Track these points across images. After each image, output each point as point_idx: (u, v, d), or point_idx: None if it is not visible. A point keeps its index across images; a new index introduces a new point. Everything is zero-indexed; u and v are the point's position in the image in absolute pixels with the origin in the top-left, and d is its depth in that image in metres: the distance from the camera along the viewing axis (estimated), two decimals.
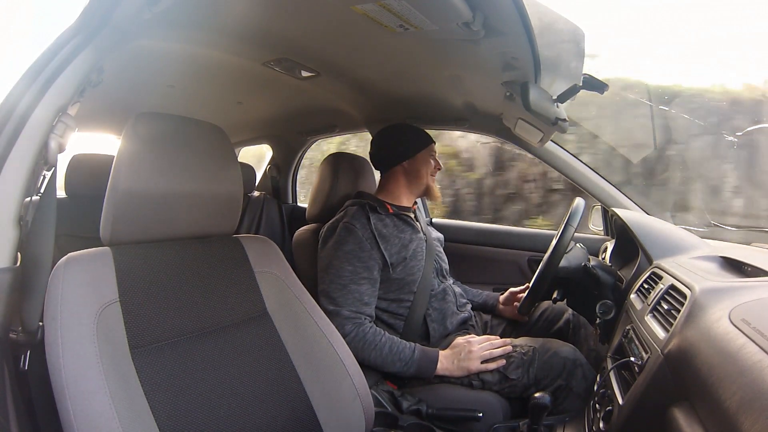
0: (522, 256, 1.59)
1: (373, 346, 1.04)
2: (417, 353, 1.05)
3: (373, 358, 1.03)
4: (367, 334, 1.05)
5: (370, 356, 1.03)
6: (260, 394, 0.71)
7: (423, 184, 1.27)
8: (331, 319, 1.05)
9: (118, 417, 0.53)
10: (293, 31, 0.97)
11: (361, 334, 1.04)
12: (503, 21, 0.72)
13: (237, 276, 0.78)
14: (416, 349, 1.05)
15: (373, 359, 1.04)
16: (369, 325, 1.07)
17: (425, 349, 1.07)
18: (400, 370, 1.04)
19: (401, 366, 1.04)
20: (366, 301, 1.09)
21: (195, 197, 0.72)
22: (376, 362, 1.04)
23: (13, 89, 0.62)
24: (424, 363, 1.04)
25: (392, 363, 1.04)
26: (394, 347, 1.05)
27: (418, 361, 1.04)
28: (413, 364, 1.04)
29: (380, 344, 1.04)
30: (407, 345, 1.06)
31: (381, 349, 1.04)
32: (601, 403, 0.78)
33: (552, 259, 1.00)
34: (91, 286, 0.61)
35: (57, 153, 0.62)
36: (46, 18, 3.77)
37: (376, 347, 1.04)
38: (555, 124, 0.97)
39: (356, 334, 1.04)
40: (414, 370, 1.04)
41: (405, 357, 1.04)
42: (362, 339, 1.04)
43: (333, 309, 1.06)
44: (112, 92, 1.36)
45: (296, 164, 2.39)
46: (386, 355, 1.03)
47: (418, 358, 1.04)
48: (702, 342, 0.53)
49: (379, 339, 1.05)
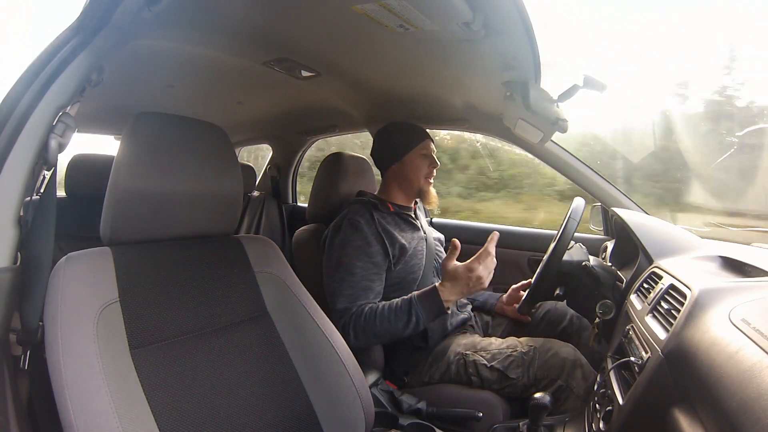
0: (522, 256, 1.59)
1: (375, 315, 1.03)
2: (414, 297, 1.04)
3: (381, 326, 1.03)
4: (365, 310, 1.05)
5: (378, 327, 1.03)
6: (260, 393, 0.71)
7: (413, 187, 1.25)
8: (343, 315, 1.06)
9: (118, 417, 0.53)
10: (293, 31, 0.97)
11: (360, 312, 1.04)
12: (503, 21, 0.72)
13: (237, 276, 0.78)
14: (412, 295, 1.05)
15: (382, 328, 1.03)
16: (364, 304, 1.07)
17: (421, 292, 1.05)
18: (410, 324, 1.02)
19: (408, 317, 1.02)
20: (375, 299, 1.10)
21: (195, 197, 0.72)
22: (387, 329, 1.03)
23: (13, 89, 0.62)
24: (425, 300, 1.03)
25: (399, 319, 1.02)
26: (392, 305, 1.04)
27: (418, 302, 1.03)
28: (417, 307, 1.02)
29: (380, 310, 1.04)
30: (404, 297, 1.06)
31: (383, 314, 1.03)
32: (601, 403, 0.78)
33: (553, 257, 1.00)
34: (91, 285, 0.61)
35: (57, 153, 0.61)
36: (46, 18, 3.77)
37: (378, 314, 1.03)
38: (555, 124, 0.97)
39: (358, 314, 1.04)
40: (423, 314, 1.02)
41: (405, 307, 1.03)
42: (363, 315, 1.04)
43: (346, 306, 1.07)
44: (112, 92, 1.36)
45: (296, 164, 2.39)
46: (389, 314, 1.03)
47: (417, 299, 1.03)
48: (702, 342, 0.53)
49: (377, 307, 1.05)
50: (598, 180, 1.41)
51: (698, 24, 2.75)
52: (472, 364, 1.05)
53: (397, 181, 1.26)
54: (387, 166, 1.27)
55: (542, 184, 2.67)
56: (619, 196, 1.39)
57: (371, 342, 1.04)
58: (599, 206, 1.48)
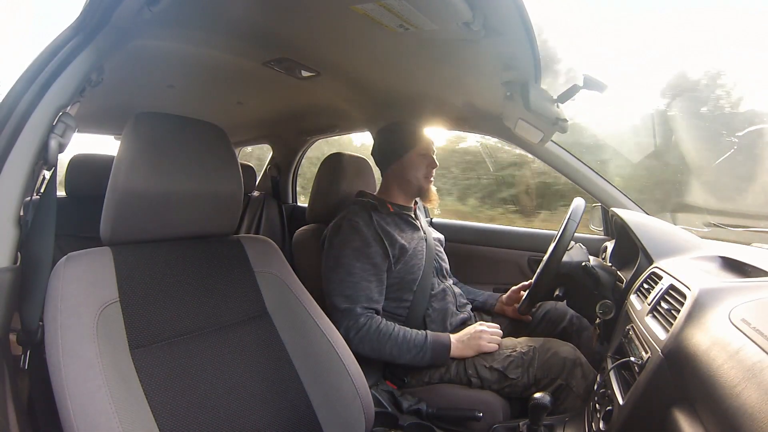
0: (522, 256, 1.59)
1: (388, 336, 1.04)
2: (430, 338, 1.06)
3: (389, 349, 1.04)
4: (381, 326, 1.06)
5: (386, 347, 1.04)
6: (260, 393, 0.71)
7: (413, 186, 1.25)
8: (344, 316, 1.06)
9: (118, 417, 0.53)
10: (293, 31, 0.97)
11: (374, 327, 1.05)
12: (503, 21, 0.72)
13: (237, 276, 0.78)
14: (428, 335, 1.07)
15: (389, 350, 1.04)
16: (379, 318, 1.08)
17: (437, 334, 1.08)
18: (414, 358, 1.04)
19: (416, 353, 1.04)
20: (376, 298, 1.10)
21: (195, 197, 0.72)
22: (392, 352, 1.04)
23: (13, 89, 0.62)
24: (437, 347, 1.05)
25: (407, 351, 1.04)
26: (407, 335, 1.06)
27: (431, 345, 1.05)
28: (427, 350, 1.04)
29: (394, 334, 1.05)
30: (419, 332, 1.07)
31: (396, 339, 1.04)
32: (601, 403, 0.78)
33: (553, 257, 1.00)
34: (91, 285, 0.61)
35: (57, 153, 0.61)
36: (46, 18, 3.77)
37: (391, 337, 1.04)
38: (555, 124, 0.97)
39: (370, 326, 1.05)
40: (429, 356, 1.05)
41: (419, 343, 1.05)
42: (377, 331, 1.05)
43: (347, 307, 1.07)
44: (112, 92, 1.36)
45: (296, 164, 2.39)
46: (401, 343, 1.04)
47: (432, 342, 1.05)
48: (702, 342, 0.53)
49: (392, 329, 1.06)
50: (598, 180, 1.40)
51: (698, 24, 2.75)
52: (472, 365, 1.05)
53: (396, 181, 1.26)
54: (386, 166, 1.27)
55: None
56: (619, 196, 1.39)
57: (371, 355, 1.05)
58: (599, 206, 1.48)
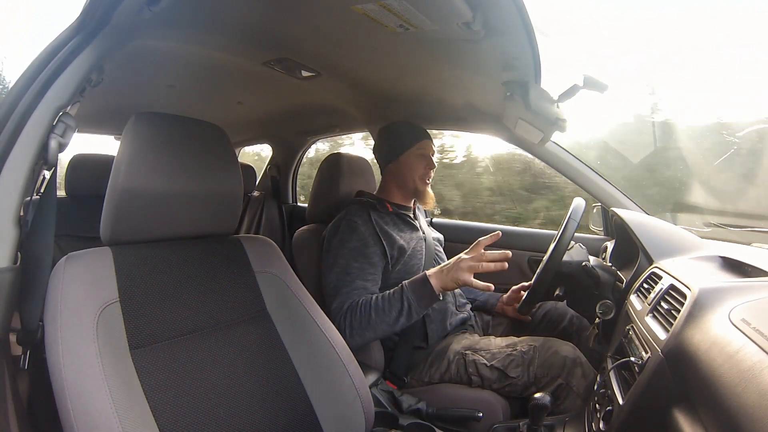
0: (522, 256, 1.59)
1: (369, 306, 1.03)
2: (405, 285, 1.04)
3: (375, 316, 1.03)
4: (360, 302, 1.05)
5: (372, 317, 1.02)
6: (260, 393, 0.71)
7: (409, 187, 1.25)
8: (339, 314, 1.05)
9: (118, 416, 0.53)
10: (293, 31, 0.97)
11: (355, 306, 1.04)
12: (503, 21, 0.72)
13: (237, 276, 0.78)
14: (403, 285, 1.05)
15: (376, 317, 1.03)
16: (358, 299, 1.07)
17: (411, 279, 1.06)
18: (402, 312, 1.02)
19: (400, 306, 1.02)
20: None
21: (195, 197, 0.72)
22: (381, 318, 1.02)
23: (13, 89, 0.62)
24: (416, 287, 1.03)
25: (391, 308, 1.02)
26: (384, 296, 1.04)
27: (410, 288, 1.03)
28: (408, 294, 1.03)
29: (372, 301, 1.04)
30: (394, 289, 1.06)
31: (376, 305, 1.03)
32: (601, 403, 0.78)
33: (553, 257, 1.00)
34: (91, 285, 0.61)
35: (57, 153, 0.61)
36: (46, 18, 3.78)
37: (371, 306, 1.03)
38: (555, 124, 0.97)
39: (352, 309, 1.04)
40: (414, 300, 1.02)
41: (398, 295, 1.03)
42: (357, 307, 1.04)
43: (341, 304, 1.06)
44: (112, 92, 1.37)
45: (296, 164, 2.39)
46: (382, 304, 1.03)
47: (408, 287, 1.03)
48: (702, 342, 0.53)
49: (370, 298, 1.05)
50: (598, 180, 1.40)
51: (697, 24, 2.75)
52: (472, 364, 1.05)
53: (395, 180, 1.26)
54: (385, 165, 1.28)
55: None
56: (619, 196, 1.38)
57: (367, 337, 1.04)
58: (599, 206, 1.48)
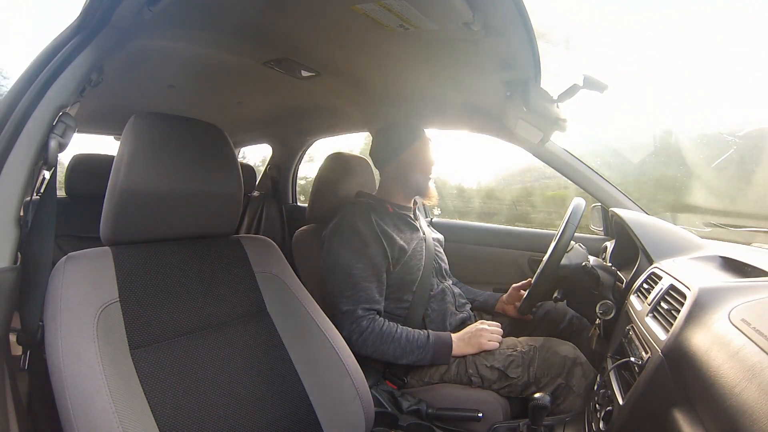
0: (522, 256, 1.59)
1: (391, 338, 1.05)
2: (432, 338, 1.07)
3: (392, 350, 1.04)
4: (384, 328, 1.06)
5: (389, 349, 1.04)
6: (260, 393, 0.71)
7: (411, 185, 1.25)
8: (346, 318, 1.06)
9: (118, 417, 0.53)
10: (293, 31, 0.97)
11: (377, 329, 1.05)
12: (503, 21, 0.72)
13: (237, 276, 0.78)
14: (430, 335, 1.07)
15: (392, 351, 1.04)
16: (382, 319, 1.08)
17: (439, 333, 1.09)
18: (417, 358, 1.05)
19: (419, 353, 1.05)
20: (377, 299, 1.10)
21: (195, 197, 0.72)
22: (395, 353, 1.05)
23: (13, 89, 0.62)
24: (440, 346, 1.06)
25: (410, 352, 1.05)
26: (410, 336, 1.06)
27: (434, 344, 1.06)
28: (430, 349, 1.05)
29: (396, 335, 1.05)
30: (421, 332, 1.08)
31: (399, 340, 1.05)
32: (601, 404, 0.78)
33: (552, 258, 1.00)
34: (92, 285, 0.61)
35: (57, 153, 0.61)
36: (46, 18, 3.78)
37: (394, 339, 1.05)
38: (555, 124, 0.97)
39: (372, 329, 1.05)
40: (431, 356, 1.05)
41: (421, 343, 1.05)
42: (380, 333, 1.05)
43: (348, 309, 1.06)
44: (112, 92, 1.37)
45: (296, 164, 2.39)
46: (404, 344, 1.05)
47: (434, 341, 1.06)
48: (702, 342, 0.53)
49: (394, 330, 1.06)
50: (598, 180, 1.40)
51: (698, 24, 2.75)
52: (472, 364, 1.05)
53: (395, 180, 1.26)
54: (384, 166, 1.27)
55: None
56: (619, 196, 1.38)
57: (373, 356, 1.06)
58: (599, 206, 1.48)
